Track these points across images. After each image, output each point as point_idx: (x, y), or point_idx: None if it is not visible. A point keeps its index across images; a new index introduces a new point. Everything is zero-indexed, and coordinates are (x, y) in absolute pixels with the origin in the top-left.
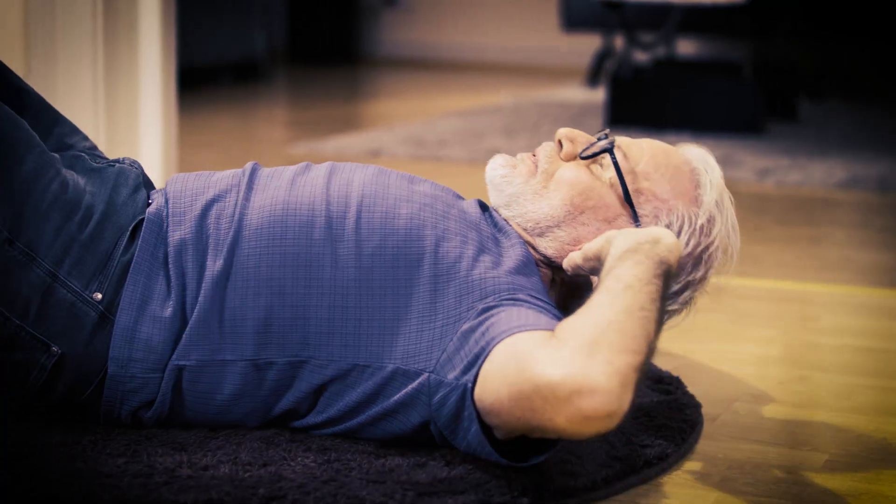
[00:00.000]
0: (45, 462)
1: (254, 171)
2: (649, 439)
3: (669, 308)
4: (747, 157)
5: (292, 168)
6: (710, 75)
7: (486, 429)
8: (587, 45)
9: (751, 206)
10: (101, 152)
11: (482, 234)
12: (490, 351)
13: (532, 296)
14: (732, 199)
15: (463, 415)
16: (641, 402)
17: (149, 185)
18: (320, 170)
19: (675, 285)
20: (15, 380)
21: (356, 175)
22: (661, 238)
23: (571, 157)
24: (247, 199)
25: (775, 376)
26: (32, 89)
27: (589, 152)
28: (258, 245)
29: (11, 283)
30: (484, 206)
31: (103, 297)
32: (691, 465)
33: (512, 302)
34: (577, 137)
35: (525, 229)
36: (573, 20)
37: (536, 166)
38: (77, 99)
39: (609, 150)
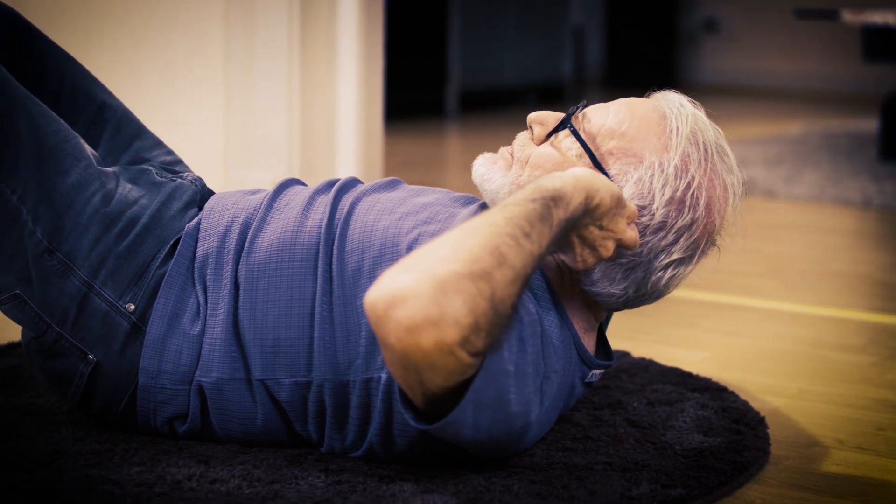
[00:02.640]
0: (63, 468)
1: (278, 191)
2: (681, 480)
3: (670, 259)
4: None
5: (313, 188)
6: None
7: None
8: None
9: None
10: (184, 167)
11: None
12: None
13: None
14: (720, 131)
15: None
16: (702, 442)
17: None
18: (334, 189)
19: (666, 234)
20: (61, 387)
21: (356, 193)
22: (561, 172)
23: (542, 140)
24: (263, 219)
25: (879, 422)
26: (119, 104)
27: (552, 130)
28: (267, 267)
29: (51, 291)
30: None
31: (136, 307)
32: None
33: None
34: (546, 119)
35: None
36: (872, 50)
37: (513, 157)
38: (272, 117)
39: (565, 121)
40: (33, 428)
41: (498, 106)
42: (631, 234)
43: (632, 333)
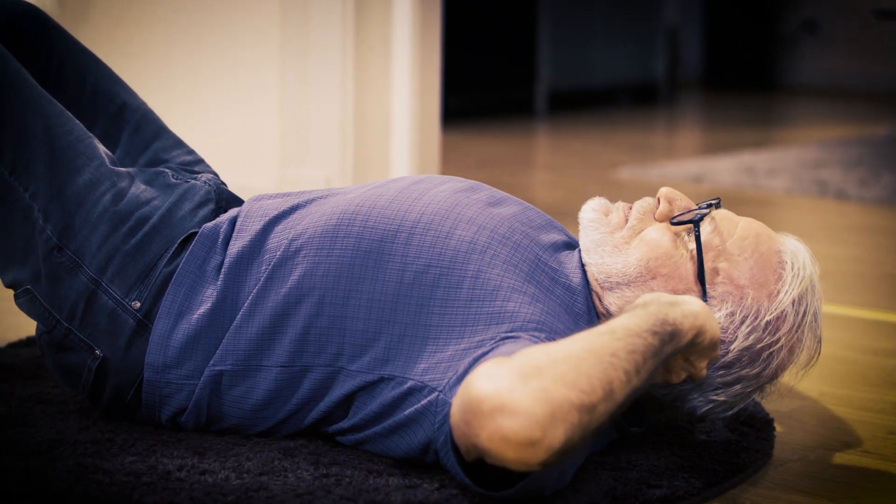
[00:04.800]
0: (58, 456)
1: (324, 193)
2: (667, 480)
3: (715, 398)
4: None
5: (373, 182)
6: None
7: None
8: None
9: None
10: (204, 167)
11: (540, 267)
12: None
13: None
14: (822, 297)
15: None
16: (702, 443)
17: (230, 201)
18: (400, 183)
19: (726, 375)
20: (71, 380)
21: (433, 192)
22: (682, 302)
23: (664, 219)
24: (301, 216)
25: (892, 426)
26: (140, 104)
27: (678, 219)
28: (306, 255)
29: (60, 287)
30: (571, 245)
31: (141, 305)
32: None
33: (531, 337)
34: (677, 200)
35: (597, 279)
36: None
37: (627, 220)
38: (326, 115)
39: (695, 221)
40: (42, 416)
41: (588, 106)
42: (704, 372)
43: None
